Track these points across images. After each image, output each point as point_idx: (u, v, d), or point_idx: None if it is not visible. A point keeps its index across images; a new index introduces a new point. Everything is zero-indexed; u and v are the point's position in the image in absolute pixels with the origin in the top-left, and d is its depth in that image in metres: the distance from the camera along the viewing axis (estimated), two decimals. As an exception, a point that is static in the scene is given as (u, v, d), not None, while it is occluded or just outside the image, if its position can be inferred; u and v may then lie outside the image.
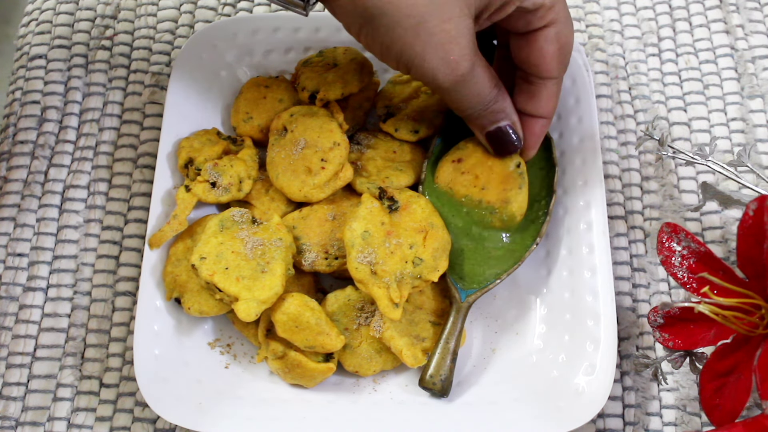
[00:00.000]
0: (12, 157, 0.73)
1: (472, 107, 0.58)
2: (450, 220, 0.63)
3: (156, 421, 0.63)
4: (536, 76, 0.59)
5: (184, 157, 0.66)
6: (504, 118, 0.60)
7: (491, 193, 0.62)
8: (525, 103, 0.60)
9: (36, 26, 0.80)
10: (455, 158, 0.63)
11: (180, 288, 0.63)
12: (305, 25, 0.72)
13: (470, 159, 0.63)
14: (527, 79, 0.60)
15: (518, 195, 0.62)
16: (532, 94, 0.60)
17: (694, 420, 0.63)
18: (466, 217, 0.63)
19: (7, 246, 0.70)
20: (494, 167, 0.62)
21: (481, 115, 0.59)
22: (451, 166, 0.63)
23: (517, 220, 0.62)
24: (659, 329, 0.58)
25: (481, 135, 0.61)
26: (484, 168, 0.63)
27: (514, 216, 0.62)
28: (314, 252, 0.63)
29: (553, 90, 0.60)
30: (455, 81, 0.55)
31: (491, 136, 0.61)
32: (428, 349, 0.62)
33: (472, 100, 0.58)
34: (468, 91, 0.57)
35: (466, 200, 0.63)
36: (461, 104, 0.58)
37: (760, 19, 0.78)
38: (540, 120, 0.61)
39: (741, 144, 0.72)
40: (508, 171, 0.62)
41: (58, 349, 0.66)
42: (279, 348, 0.60)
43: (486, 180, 0.62)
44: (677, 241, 0.57)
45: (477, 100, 0.58)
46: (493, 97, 0.58)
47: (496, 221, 0.62)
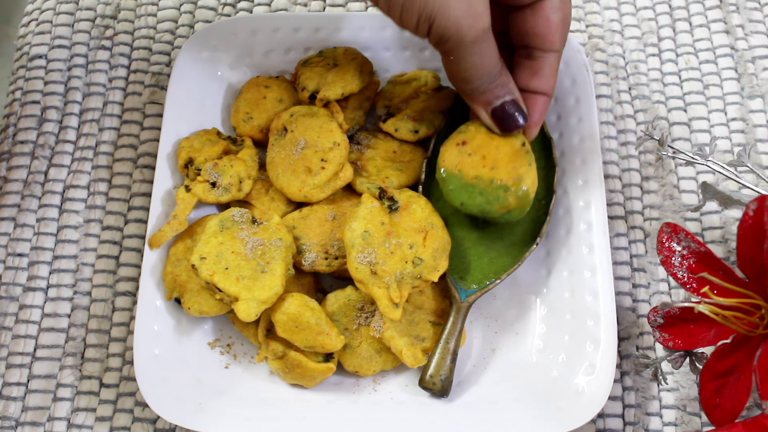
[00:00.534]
0: (12, 157, 0.73)
1: (481, 77, 0.57)
2: (468, 203, 0.60)
3: (156, 421, 0.63)
4: (540, 48, 0.59)
5: (184, 157, 0.66)
6: (508, 93, 0.59)
7: (501, 171, 0.59)
8: (527, 80, 0.60)
9: (36, 26, 0.80)
10: (459, 141, 0.61)
11: (180, 288, 0.63)
12: (305, 25, 0.72)
13: (474, 141, 0.61)
14: (529, 55, 0.59)
15: (529, 171, 0.60)
16: (534, 71, 0.59)
17: (694, 420, 0.63)
18: (480, 198, 0.60)
19: (7, 246, 0.70)
20: (500, 147, 0.60)
21: (487, 90, 0.58)
22: (456, 149, 0.61)
23: (530, 197, 0.60)
24: (659, 329, 0.58)
25: (485, 112, 0.60)
26: (490, 148, 0.60)
27: (528, 193, 0.59)
28: (314, 252, 0.63)
29: (554, 65, 0.60)
30: (476, 36, 0.54)
31: (497, 113, 0.59)
32: (428, 349, 0.62)
33: (484, 67, 0.57)
34: (483, 53, 0.56)
35: (477, 180, 0.60)
36: (472, 71, 0.57)
37: (760, 19, 0.78)
38: (542, 97, 0.60)
39: (741, 144, 0.72)
40: (515, 149, 0.60)
41: (58, 349, 0.66)
42: (279, 348, 0.60)
43: (494, 160, 0.60)
44: (677, 241, 0.57)
45: (487, 67, 0.57)
46: (499, 69, 0.58)
47: (512, 199, 0.59)
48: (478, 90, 0.59)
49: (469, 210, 0.60)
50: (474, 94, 0.59)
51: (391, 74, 0.73)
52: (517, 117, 0.59)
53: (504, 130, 0.60)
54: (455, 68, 0.57)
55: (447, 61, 0.57)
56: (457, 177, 0.60)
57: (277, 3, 0.80)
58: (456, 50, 0.56)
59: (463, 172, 0.60)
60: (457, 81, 0.59)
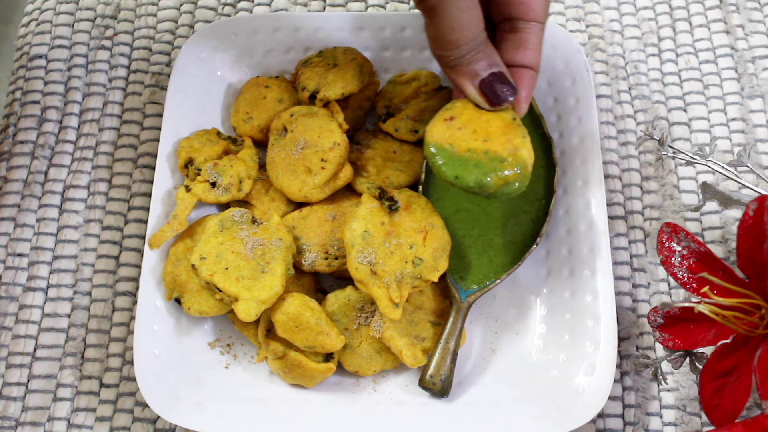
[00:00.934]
0: (12, 157, 0.73)
1: (467, 41, 0.55)
2: (463, 175, 0.56)
3: (156, 421, 0.63)
4: (523, 18, 0.57)
5: (184, 157, 0.66)
6: (495, 65, 0.57)
7: (495, 144, 0.56)
8: (513, 54, 0.58)
9: (36, 26, 0.80)
10: (446, 117, 0.57)
11: (180, 288, 0.63)
12: (305, 25, 0.72)
13: (462, 116, 0.57)
14: (513, 27, 0.58)
15: (525, 142, 0.56)
16: (518, 43, 0.58)
17: (694, 420, 0.63)
18: (476, 170, 0.56)
19: (7, 246, 0.70)
20: (491, 120, 0.57)
21: (474, 60, 0.56)
22: (444, 125, 0.57)
23: (528, 169, 0.56)
24: (659, 329, 0.58)
25: (472, 86, 0.57)
26: (480, 122, 0.57)
27: (525, 163, 0.56)
28: (314, 252, 0.63)
29: (539, 37, 0.59)
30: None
31: (485, 84, 0.56)
32: (428, 349, 0.62)
33: (470, 28, 0.55)
34: (468, 10, 0.54)
35: (471, 153, 0.56)
36: (458, 33, 0.55)
37: (760, 19, 0.78)
38: (529, 71, 0.58)
39: (741, 144, 0.72)
40: (506, 122, 0.57)
41: (58, 349, 0.66)
42: (279, 348, 0.60)
43: (486, 133, 0.56)
44: (677, 241, 0.57)
45: (474, 29, 0.55)
46: (484, 38, 0.56)
47: (509, 170, 0.55)
48: (465, 59, 0.56)
49: (464, 183, 0.56)
50: (460, 65, 0.57)
51: (391, 74, 0.73)
52: (506, 89, 0.57)
53: (493, 103, 0.57)
54: (439, 30, 0.55)
55: (431, 22, 0.55)
56: (448, 151, 0.57)
57: (277, 3, 0.80)
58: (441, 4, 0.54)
59: (454, 146, 0.57)
60: (441, 47, 0.56)
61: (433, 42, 0.56)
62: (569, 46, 0.70)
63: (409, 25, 0.72)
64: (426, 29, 0.56)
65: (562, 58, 0.70)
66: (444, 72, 0.58)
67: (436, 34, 0.55)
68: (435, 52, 0.57)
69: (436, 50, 0.56)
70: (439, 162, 0.56)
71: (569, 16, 0.79)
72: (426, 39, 0.56)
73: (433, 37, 0.56)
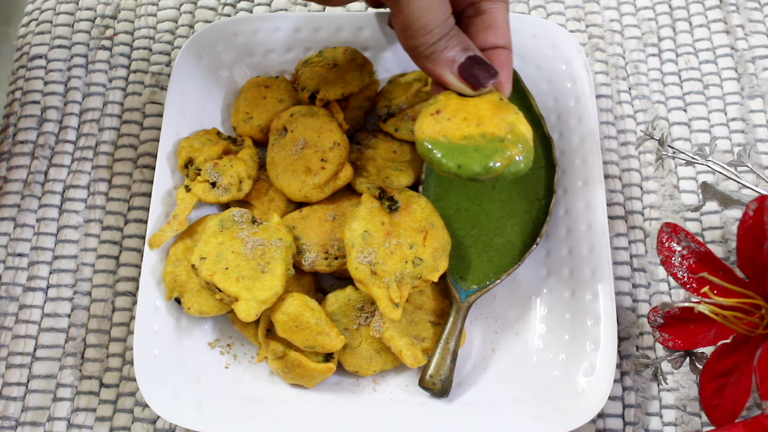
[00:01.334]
0: (12, 157, 0.73)
1: (438, 23, 0.54)
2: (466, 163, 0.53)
3: (156, 421, 0.63)
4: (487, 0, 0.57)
5: (184, 157, 0.66)
6: (469, 49, 0.55)
7: (490, 125, 0.54)
8: (484, 37, 0.57)
9: (36, 26, 0.80)
10: (432, 111, 0.55)
11: (180, 288, 0.63)
12: (305, 25, 0.72)
13: (448, 107, 0.55)
14: (477, 11, 0.57)
15: (519, 117, 0.55)
16: (487, 25, 0.57)
17: (694, 420, 0.63)
18: (478, 155, 0.53)
19: (7, 246, 0.70)
20: (479, 105, 0.55)
21: (448, 45, 0.54)
22: (432, 119, 0.55)
23: (530, 143, 0.54)
24: (659, 329, 0.58)
25: (451, 73, 0.55)
26: (468, 109, 0.55)
27: (525, 138, 0.54)
28: (314, 252, 0.63)
29: (505, 15, 0.58)
30: None
31: (464, 68, 0.55)
32: (428, 349, 0.62)
33: (440, 10, 0.54)
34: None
35: (468, 139, 0.54)
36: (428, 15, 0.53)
37: (760, 19, 0.78)
38: (503, 50, 0.57)
39: (741, 144, 0.72)
40: (495, 103, 0.55)
41: (58, 349, 0.66)
42: (279, 348, 0.60)
43: (477, 118, 0.54)
44: (677, 241, 0.57)
45: (443, 12, 0.54)
46: (453, 23, 0.55)
47: (512, 147, 0.53)
48: (439, 45, 0.55)
49: (470, 171, 0.53)
50: (435, 52, 0.55)
51: (391, 74, 0.73)
52: (487, 68, 0.55)
53: (476, 86, 0.55)
54: (408, 17, 0.53)
55: (398, 11, 0.54)
56: (444, 143, 0.54)
57: (277, 3, 0.80)
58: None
59: (448, 136, 0.54)
60: (412, 35, 0.54)
61: (403, 33, 0.55)
62: (569, 46, 0.70)
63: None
64: (393, 22, 0.55)
65: (562, 58, 0.70)
66: (419, 66, 0.56)
67: (404, 22, 0.54)
68: (407, 44, 0.55)
69: (408, 41, 0.55)
70: (437, 156, 0.54)
71: (569, 16, 0.79)
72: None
73: (403, 27, 0.54)
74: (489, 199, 0.66)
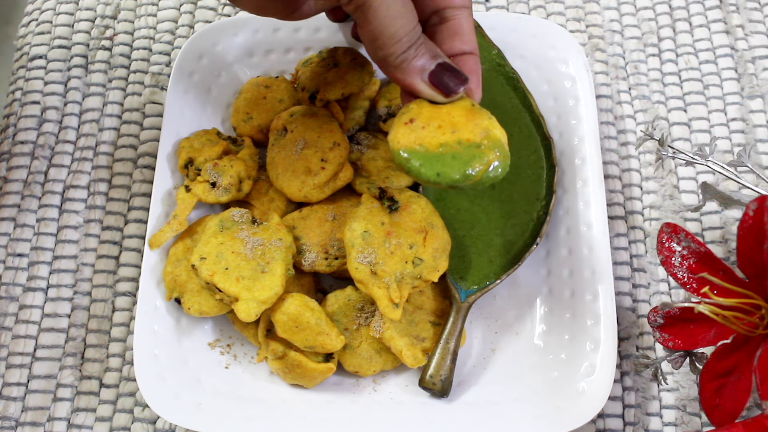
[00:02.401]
0: (12, 157, 0.73)
1: (407, 31, 0.53)
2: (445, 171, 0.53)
3: (156, 422, 0.63)
4: (451, 7, 0.57)
5: (184, 158, 0.66)
6: (439, 56, 0.55)
7: (465, 131, 0.54)
8: (450, 44, 0.57)
9: (36, 26, 0.80)
10: (406, 120, 0.55)
11: (180, 288, 0.63)
12: (305, 25, 0.72)
13: (421, 116, 0.55)
14: (442, 18, 0.57)
15: (493, 122, 0.54)
16: (453, 32, 0.57)
17: (694, 420, 0.63)
18: (456, 162, 0.53)
19: (7, 246, 0.70)
20: (452, 112, 0.55)
21: (417, 54, 0.54)
22: (407, 128, 0.54)
23: (506, 147, 0.54)
24: (659, 329, 0.58)
25: (422, 81, 0.55)
26: (441, 117, 0.55)
27: (501, 142, 0.53)
28: (314, 252, 0.63)
29: (469, 21, 0.58)
30: None
31: (435, 75, 0.54)
32: (428, 349, 0.62)
33: (407, 17, 0.53)
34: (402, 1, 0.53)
35: (444, 147, 0.53)
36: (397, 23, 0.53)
37: (760, 19, 0.78)
38: (471, 56, 0.57)
39: (741, 144, 0.72)
40: (467, 109, 0.55)
41: (58, 350, 0.66)
42: (279, 348, 0.60)
43: (451, 125, 0.54)
44: (677, 242, 0.57)
45: (410, 19, 0.53)
46: (420, 32, 0.54)
47: (489, 152, 0.53)
48: (409, 54, 0.54)
49: (449, 179, 0.53)
50: (405, 61, 0.54)
51: (391, 74, 0.73)
52: (458, 74, 0.55)
53: (448, 92, 0.55)
54: (376, 26, 0.53)
55: (365, 20, 0.53)
56: (421, 152, 0.54)
57: (277, 3, 0.80)
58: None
59: (425, 145, 0.54)
60: (381, 45, 0.54)
61: (371, 44, 0.54)
62: (569, 46, 0.70)
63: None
64: (360, 33, 0.54)
65: (562, 58, 0.70)
66: (389, 76, 0.56)
67: (373, 32, 0.53)
68: (376, 55, 0.55)
69: (377, 52, 0.54)
70: (416, 165, 0.53)
71: (569, 16, 0.79)
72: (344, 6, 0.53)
73: (371, 38, 0.53)
74: (489, 199, 0.66)
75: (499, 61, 0.70)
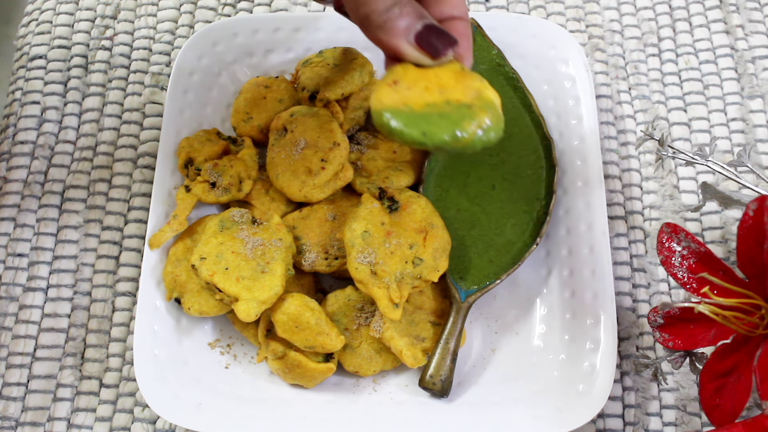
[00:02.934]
0: (12, 157, 0.73)
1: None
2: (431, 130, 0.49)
3: (156, 422, 0.63)
4: None
5: (184, 158, 0.66)
6: (425, 17, 0.52)
7: (454, 92, 0.50)
8: (438, 9, 0.54)
9: (36, 26, 0.80)
10: (390, 82, 0.51)
11: (180, 288, 0.63)
12: (305, 25, 0.72)
13: (407, 78, 0.51)
14: None
15: (485, 83, 0.51)
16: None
17: (694, 420, 0.63)
18: (444, 122, 0.49)
19: (7, 246, 0.70)
20: (439, 74, 0.51)
21: (402, 14, 0.51)
22: (391, 89, 0.50)
23: (499, 110, 0.51)
24: (659, 329, 0.58)
25: (408, 43, 0.51)
26: (429, 78, 0.51)
27: (493, 103, 0.50)
28: (314, 252, 0.63)
29: None
30: None
31: (422, 36, 0.51)
32: (428, 349, 0.62)
33: None
34: None
35: (431, 107, 0.50)
36: None
37: (760, 19, 0.78)
38: (460, 21, 0.54)
39: (741, 144, 0.72)
40: (457, 71, 0.52)
41: (58, 350, 0.66)
42: (279, 348, 0.60)
43: (439, 86, 0.51)
44: (677, 242, 0.57)
45: None
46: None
47: (480, 112, 0.50)
48: (392, 13, 0.51)
49: (437, 139, 0.49)
50: (389, 21, 0.51)
51: (391, 74, 0.73)
52: (446, 36, 0.52)
53: (436, 54, 0.51)
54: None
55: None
56: (405, 111, 0.49)
57: (277, 3, 0.80)
58: None
59: (410, 105, 0.50)
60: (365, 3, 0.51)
61: (353, 1, 0.51)
62: (569, 46, 0.70)
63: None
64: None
65: (562, 58, 0.70)
66: (372, 39, 0.52)
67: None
68: (357, 13, 0.51)
69: (359, 9, 0.51)
70: (398, 125, 0.49)
71: (569, 16, 0.79)
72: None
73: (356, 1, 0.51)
74: (489, 199, 0.66)
75: (499, 61, 0.70)
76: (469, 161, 0.67)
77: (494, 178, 0.66)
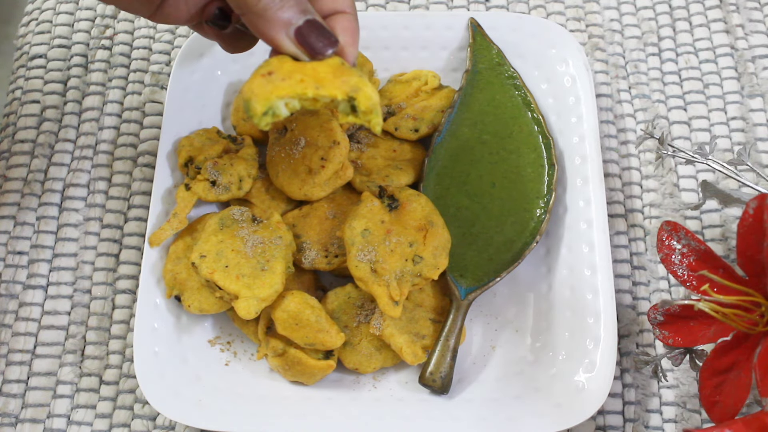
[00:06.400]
0: (12, 155, 0.73)
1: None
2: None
3: (156, 418, 0.63)
4: None
5: (184, 156, 0.66)
6: (308, 12, 0.50)
7: (330, 88, 0.49)
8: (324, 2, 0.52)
9: (36, 26, 0.80)
10: (264, 73, 0.50)
11: (180, 286, 0.63)
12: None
13: (282, 69, 0.50)
14: None
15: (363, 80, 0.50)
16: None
17: (694, 417, 0.63)
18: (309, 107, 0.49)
19: (7, 244, 0.70)
20: (317, 68, 0.50)
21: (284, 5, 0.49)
22: (264, 79, 0.50)
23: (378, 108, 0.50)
24: (659, 327, 0.58)
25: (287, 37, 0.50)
26: (305, 71, 0.50)
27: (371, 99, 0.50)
28: (314, 250, 0.63)
29: None
30: None
31: (302, 32, 0.50)
32: (428, 346, 0.62)
33: None
34: None
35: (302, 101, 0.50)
36: None
37: (760, 19, 0.78)
38: (344, 15, 0.53)
39: (741, 143, 0.72)
40: (335, 67, 0.51)
41: (58, 347, 0.66)
42: (279, 345, 0.60)
43: (315, 80, 0.49)
44: (677, 239, 0.57)
45: None
46: None
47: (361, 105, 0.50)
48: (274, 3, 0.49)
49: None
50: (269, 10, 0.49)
51: (391, 74, 0.73)
52: (327, 34, 0.51)
53: (314, 53, 0.51)
54: None
55: None
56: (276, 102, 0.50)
57: (278, 2, 0.80)
58: None
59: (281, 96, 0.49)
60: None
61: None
62: (569, 46, 0.70)
63: (409, 25, 0.72)
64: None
65: (562, 58, 0.70)
66: (251, 28, 0.51)
67: None
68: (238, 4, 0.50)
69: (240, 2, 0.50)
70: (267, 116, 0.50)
71: (569, 16, 0.79)
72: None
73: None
74: (489, 197, 0.66)
75: (499, 60, 0.70)
76: (469, 160, 0.67)
77: (494, 176, 0.66)
